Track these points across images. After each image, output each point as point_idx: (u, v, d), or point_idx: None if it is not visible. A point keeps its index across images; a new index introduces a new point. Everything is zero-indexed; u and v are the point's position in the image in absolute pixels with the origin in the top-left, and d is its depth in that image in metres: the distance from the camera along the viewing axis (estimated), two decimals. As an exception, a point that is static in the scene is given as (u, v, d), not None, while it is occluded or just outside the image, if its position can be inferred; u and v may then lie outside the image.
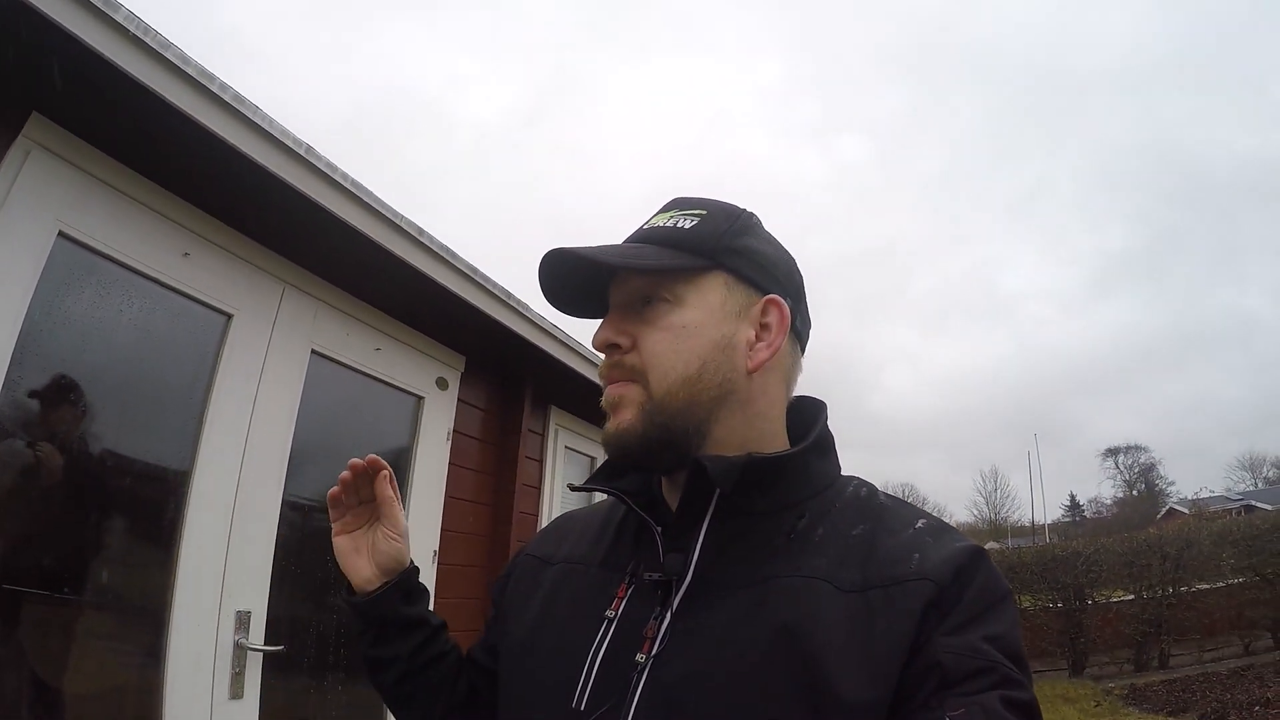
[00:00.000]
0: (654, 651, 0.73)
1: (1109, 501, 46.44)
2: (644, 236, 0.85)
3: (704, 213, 0.84)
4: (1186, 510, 25.78)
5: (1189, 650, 9.92)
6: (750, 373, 0.81)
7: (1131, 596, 10.17)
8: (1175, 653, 9.93)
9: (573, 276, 0.85)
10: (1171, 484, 44.02)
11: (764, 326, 0.82)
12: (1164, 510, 34.11)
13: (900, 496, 0.86)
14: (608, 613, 0.78)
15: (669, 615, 0.75)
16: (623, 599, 0.79)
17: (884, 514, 0.78)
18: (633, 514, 0.84)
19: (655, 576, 0.78)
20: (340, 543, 0.96)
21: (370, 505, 0.97)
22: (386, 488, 0.95)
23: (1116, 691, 8.55)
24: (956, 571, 0.69)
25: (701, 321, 0.80)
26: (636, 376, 0.79)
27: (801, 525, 0.77)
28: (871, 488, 0.84)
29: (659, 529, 0.81)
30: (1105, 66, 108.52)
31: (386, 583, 0.94)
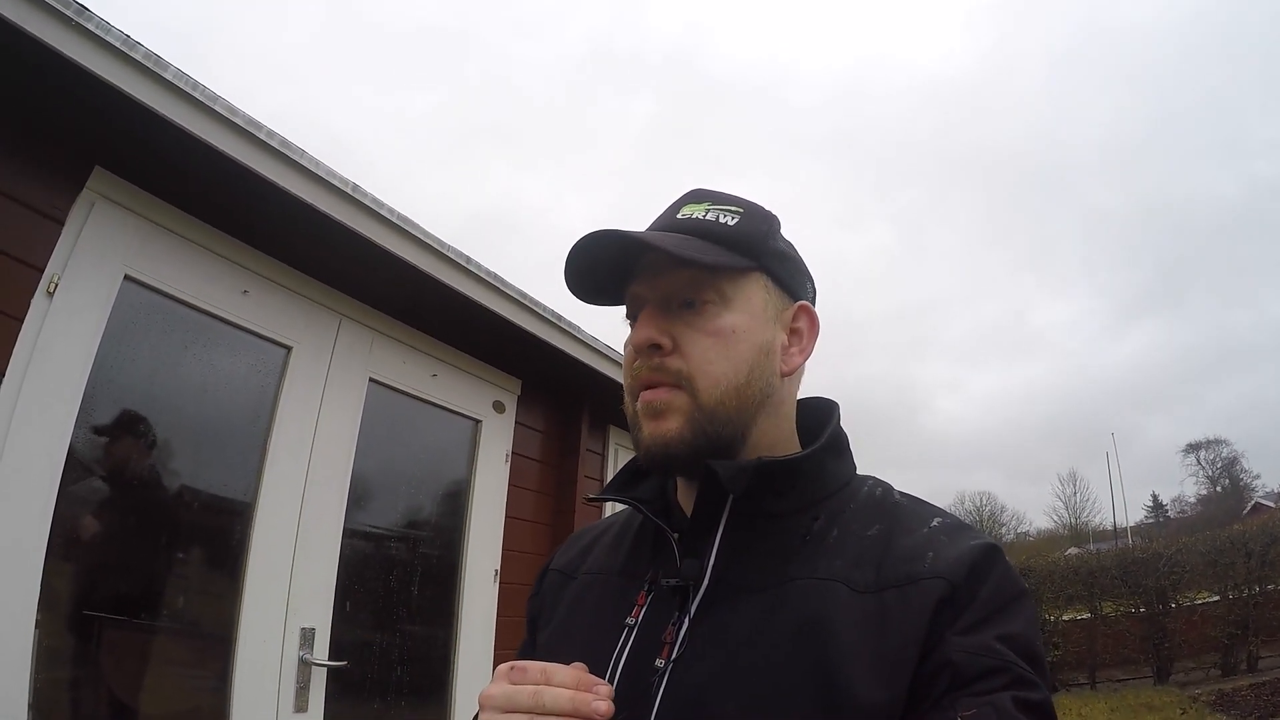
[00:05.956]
0: (673, 656, 0.73)
1: (1193, 500, 44.22)
2: (686, 227, 0.80)
3: (742, 210, 0.82)
4: (1273, 504, 24.67)
5: (1278, 652, 9.45)
6: (784, 377, 0.81)
7: (1216, 598, 9.72)
8: (1264, 655, 9.46)
9: (600, 263, 0.80)
10: (1256, 478, 41.26)
11: (794, 331, 0.83)
12: (1250, 505, 32.35)
13: (917, 495, 0.83)
14: (628, 620, 0.78)
15: (687, 620, 0.74)
16: (643, 606, 0.78)
17: (899, 513, 0.77)
18: (649, 521, 0.83)
19: (673, 582, 0.77)
20: None
21: None
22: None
23: (1203, 698, 8.19)
24: (970, 569, 0.68)
25: (748, 326, 0.78)
26: (682, 382, 0.76)
27: (817, 527, 0.76)
28: (887, 487, 0.83)
29: (675, 535, 0.80)
30: (1091, 141, 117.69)
31: None
